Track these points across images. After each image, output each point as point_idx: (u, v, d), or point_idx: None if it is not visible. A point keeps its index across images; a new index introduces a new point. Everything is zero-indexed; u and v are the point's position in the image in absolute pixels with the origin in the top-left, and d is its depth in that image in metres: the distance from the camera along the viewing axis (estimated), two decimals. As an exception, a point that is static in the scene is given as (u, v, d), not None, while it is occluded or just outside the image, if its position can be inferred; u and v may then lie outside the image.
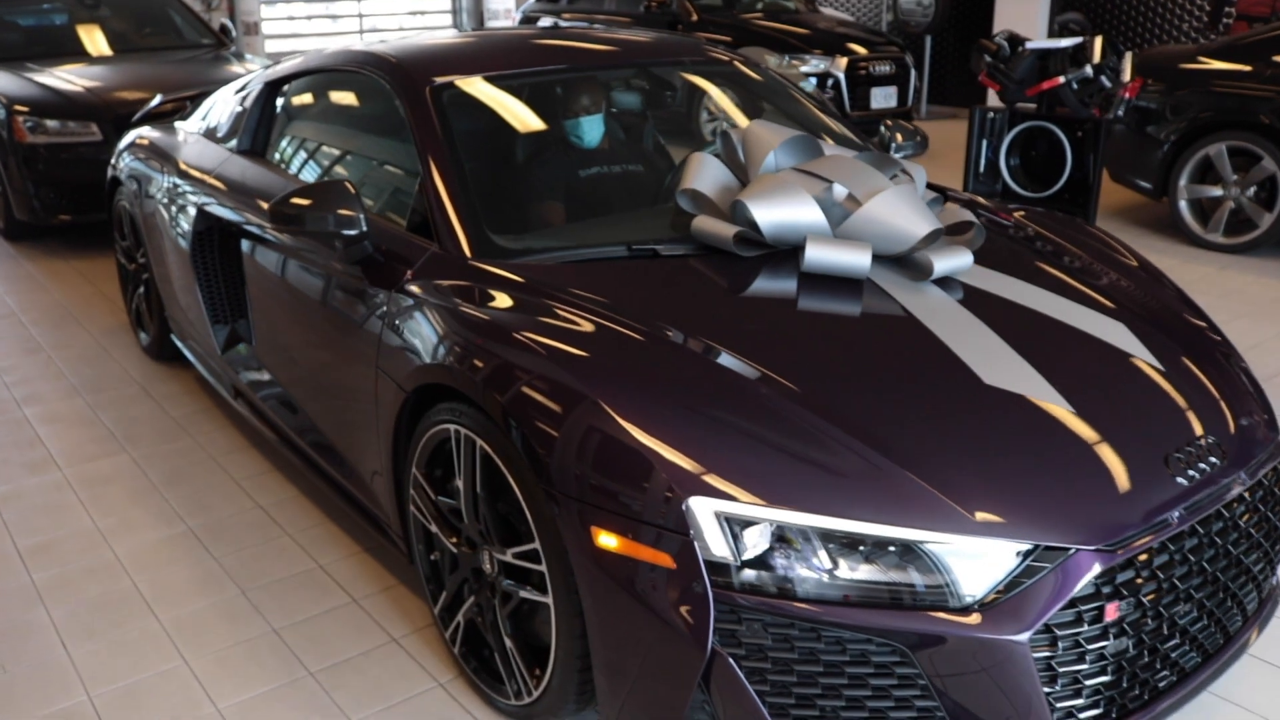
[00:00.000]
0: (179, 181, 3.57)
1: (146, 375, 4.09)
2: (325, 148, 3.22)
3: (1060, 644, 1.72)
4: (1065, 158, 5.33)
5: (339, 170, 3.11)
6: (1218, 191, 5.62)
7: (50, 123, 5.51)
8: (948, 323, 2.14)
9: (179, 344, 3.90)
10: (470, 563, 2.19)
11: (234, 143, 3.47)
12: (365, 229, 2.41)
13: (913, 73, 8.68)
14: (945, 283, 2.32)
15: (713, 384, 1.89)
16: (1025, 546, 1.70)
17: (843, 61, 8.15)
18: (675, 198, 2.48)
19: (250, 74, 5.99)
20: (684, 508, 1.70)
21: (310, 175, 3.16)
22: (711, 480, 1.71)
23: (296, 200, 2.44)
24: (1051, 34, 7.70)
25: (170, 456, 3.43)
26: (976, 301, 2.26)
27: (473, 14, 13.80)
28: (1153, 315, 2.39)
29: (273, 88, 3.43)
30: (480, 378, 1.99)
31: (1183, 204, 5.75)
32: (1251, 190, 5.50)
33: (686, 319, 2.08)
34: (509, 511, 2.07)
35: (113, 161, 4.24)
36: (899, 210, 2.28)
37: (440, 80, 2.71)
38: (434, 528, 2.27)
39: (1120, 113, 5.77)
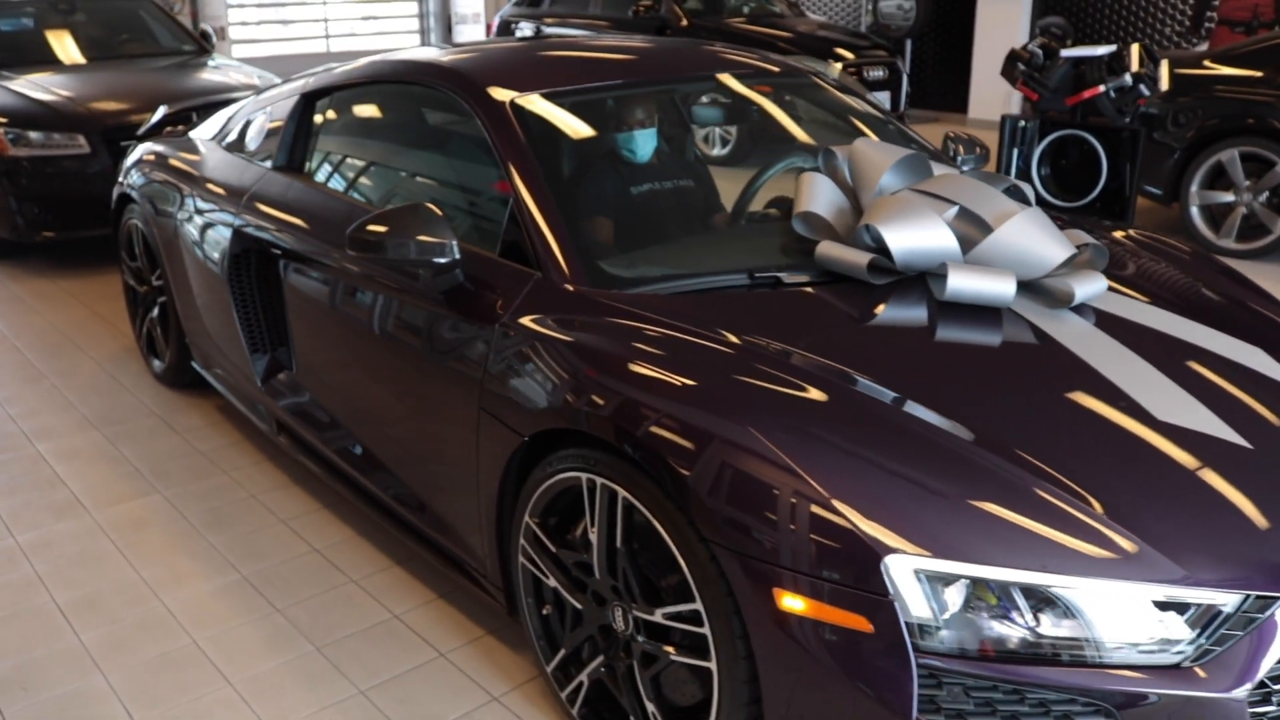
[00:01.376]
0: (207, 200, 3.35)
1: (164, 405, 3.85)
2: (380, 166, 3.03)
3: (1274, 699, 1.62)
4: (1098, 167, 5.31)
5: (389, 185, 2.92)
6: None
7: (33, 134, 5.20)
8: (1099, 353, 2.03)
9: (203, 372, 3.67)
10: (597, 619, 2.04)
11: (267, 159, 3.26)
12: (457, 256, 2.24)
13: (904, 77, 8.66)
14: (1078, 308, 2.22)
15: (882, 427, 1.76)
16: (1237, 597, 1.60)
17: (837, 66, 8.08)
18: (791, 221, 2.34)
19: (243, 83, 5.77)
20: (881, 567, 1.57)
21: (364, 194, 2.97)
22: (906, 536, 1.58)
23: (374, 227, 2.27)
24: (1033, 37, 7.72)
25: (206, 496, 3.21)
26: (1115, 328, 2.16)
27: (440, 19, 13.54)
28: (1272, 335, 2.31)
29: (309, 100, 3.23)
30: (627, 424, 1.83)
31: (1194, 210, 5.77)
32: (1264, 196, 5.52)
33: (833, 354, 1.94)
34: (647, 566, 1.92)
35: (120, 178, 3.98)
36: (1034, 235, 2.17)
37: (521, 94, 2.55)
38: (552, 581, 2.10)
39: (1128, 119, 5.77)
